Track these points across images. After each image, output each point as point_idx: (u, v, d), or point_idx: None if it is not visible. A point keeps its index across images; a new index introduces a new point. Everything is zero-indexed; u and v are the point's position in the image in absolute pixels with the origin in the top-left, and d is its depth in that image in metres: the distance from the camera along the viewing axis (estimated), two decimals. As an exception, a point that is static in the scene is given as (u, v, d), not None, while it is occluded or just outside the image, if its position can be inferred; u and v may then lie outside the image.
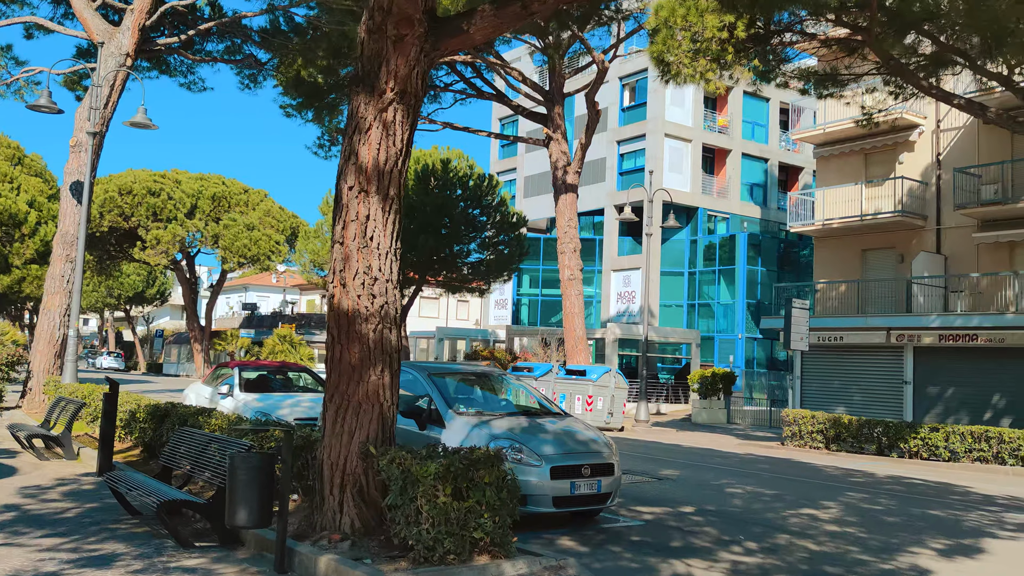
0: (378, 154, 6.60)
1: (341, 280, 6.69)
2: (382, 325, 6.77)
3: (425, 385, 9.08)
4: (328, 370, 6.91)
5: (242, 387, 13.31)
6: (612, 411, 23.71)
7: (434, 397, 8.86)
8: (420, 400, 9.08)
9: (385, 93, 6.54)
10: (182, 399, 14.90)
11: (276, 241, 49.38)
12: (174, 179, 48.50)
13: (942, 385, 25.49)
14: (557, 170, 27.28)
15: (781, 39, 19.49)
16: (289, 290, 75.60)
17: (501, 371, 10.71)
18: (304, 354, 48.04)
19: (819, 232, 30.08)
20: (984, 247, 26.08)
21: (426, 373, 9.30)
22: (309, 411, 12.36)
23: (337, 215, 6.75)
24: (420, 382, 9.18)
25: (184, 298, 53.44)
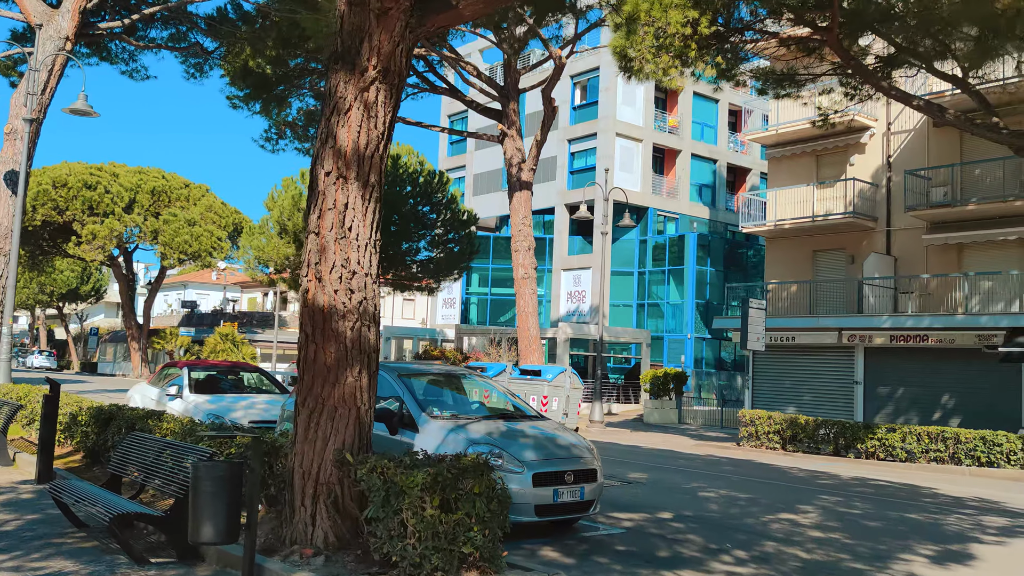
0: (358, 137, 6.10)
1: (316, 273, 6.18)
2: (360, 322, 6.27)
3: (395, 386, 8.57)
4: (300, 371, 6.38)
5: (192, 388, 12.62)
6: (567, 412, 23.35)
7: (406, 399, 8.36)
8: (388, 402, 8.57)
9: (367, 71, 6.04)
10: (125, 400, 14.15)
11: (218, 237, 48.16)
12: (111, 172, 46.97)
13: (892, 385, 25.68)
14: (512, 167, 26.87)
15: (741, 37, 19.34)
16: (230, 288, 73.99)
17: (470, 372, 10.25)
18: (247, 353, 46.91)
19: (770, 233, 30.15)
20: (933, 249, 26.34)
21: (396, 374, 8.79)
22: (264, 413, 11.75)
23: (312, 203, 6.22)
24: (389, 383, 8.67)
25: (121, 295, 51.84)
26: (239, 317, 57.13)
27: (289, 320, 57.33)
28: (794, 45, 19.37)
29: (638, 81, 18.78)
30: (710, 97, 44.89)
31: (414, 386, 8.72)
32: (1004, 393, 23.21)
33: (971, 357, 23.74)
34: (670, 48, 18.20)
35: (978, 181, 25.72)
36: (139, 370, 51.50)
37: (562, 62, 24.91)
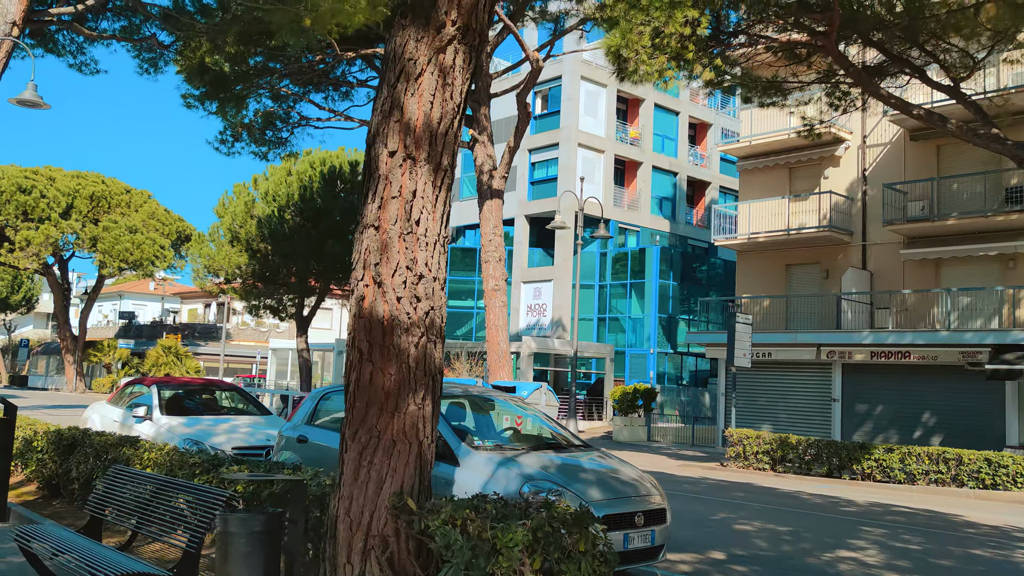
0: (430, 109, 4.96)
1: (376, 277, 5.00)
2: (426, 337, 5.11)
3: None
4: (350, 397, 5.18)
5: (163, 409, 11.21)
6: (544, 430, 22.29)
7: (440, 427, 7.18)
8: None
9: (444, 27, 4.90)
10: (82, 422, 12.66)
11: (161, 245, 46.14)
12: (48, 176, 44.66)
13: (871, 403, 25.14)
14: (483, 174, 25.76)
15: (737, 41, 18.58)
16: (168, 299, 71.40)
17: (499, 393, 9.09)
18: (191, 367, 44.91)
19: (743, 246, 29.54)
20: (910, 264, 25.95)
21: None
22: (249, 438, 10.43)
23: (370, 190, 5.05)
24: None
25: (55, 305, 49.33)
26: (181, 329, 54.88)
27: (233, 332, 55.26)
28: (792, 50, 18.69)
29: (632, 83, 17.83)
30: (671, 109, 44.43)
31: (448, 412, 7.55)
32: (987, 411, 22.80)
33: (953, 374, 23.30)
34: (666, 49, 17.37)
35: (956, 195, 25.40)
36: (73, 384, 49.02)
37: (539, 65, 23.93)
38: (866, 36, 18.50)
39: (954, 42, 18.49)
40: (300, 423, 8.58)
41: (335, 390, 8.60)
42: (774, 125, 28.93)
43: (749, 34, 18.73)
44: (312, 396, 8.69)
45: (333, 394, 8.62)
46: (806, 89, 22.07)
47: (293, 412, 8.86)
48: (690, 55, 17.31)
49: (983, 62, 19.12)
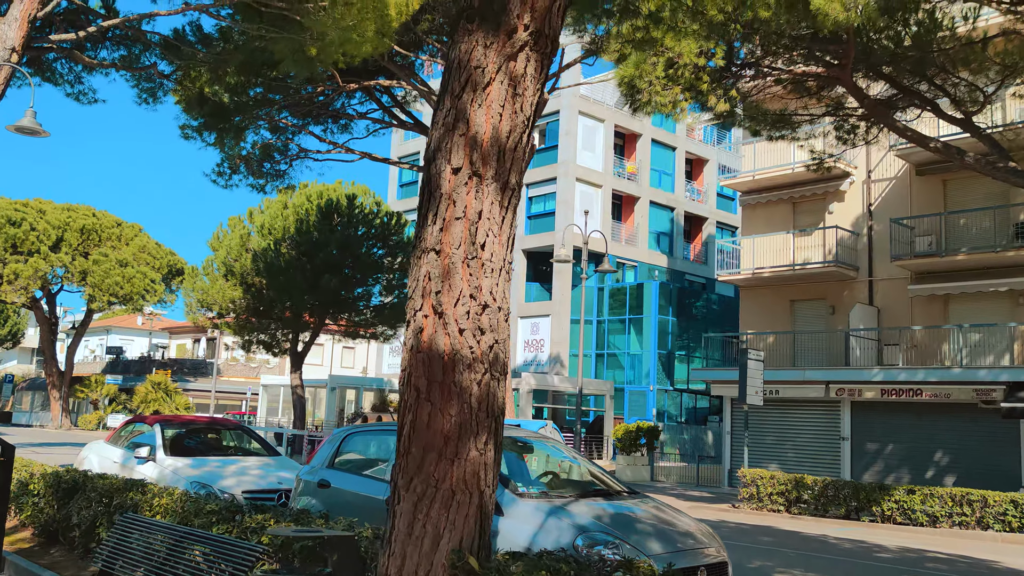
0: (499, 122, 4.49)
1: (436, 306, 4.49)
2: (490, 374, 4.60)
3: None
4: (404, 441, 4.64)
5: (167, 449, 10.59)
6: (550, 470, 21.66)
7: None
8: None
9: (516, 32, 4.45)
10: (78, 463, 12.01)
11: (151, 279, 45.42)
12: (38, 208, 44.01)
13: (881, 441, 24.64)
14: (485, 208, 25.33)
15: (749, 72, 18.30)
16: (156, 334, 70.45)
17: (527, 432, 8.53)
18: (180, 403, 44.05)
19: (746, 281, 29.15)
20: (919, 300, 25.57)
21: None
22: (260, 481, 9.82)
23: (430, 211, 4.55)
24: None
25: (42, 340, 48.43)
26: (169, 365, 54.00)
27: (223, 368, 54.40)
28: (804, 82, 18.41)
29: (645, 114, 17.51)
30: (668, 144, 44.31)
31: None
32: (1002, 450, 22.33)
33: (966, 412, 22.85)
34: (679, 80, 17.08)
35: (964, 231, 25.12)
36: (59, 420, 48.01)
37: (545, 97, 23.58)
38: (877, 69, 18.25)
39: (963, 76, 18.28)
40: (321, 466, 8.00)
41: (359, 431, 8.05)
42: (777, 160, 28.69)
43: (761, 66, 18.45)
44: (334, 437, 8.12)
45: (356, 435, 8.06)
46: (816, 122, 21.83)
47: (312, 454, 8.28)
48: (704, 86, 17.04)
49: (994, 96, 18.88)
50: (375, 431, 8.16)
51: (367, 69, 26.07)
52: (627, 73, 16.91)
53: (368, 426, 8.28)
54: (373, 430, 8.17)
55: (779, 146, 28.79)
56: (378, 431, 8.10)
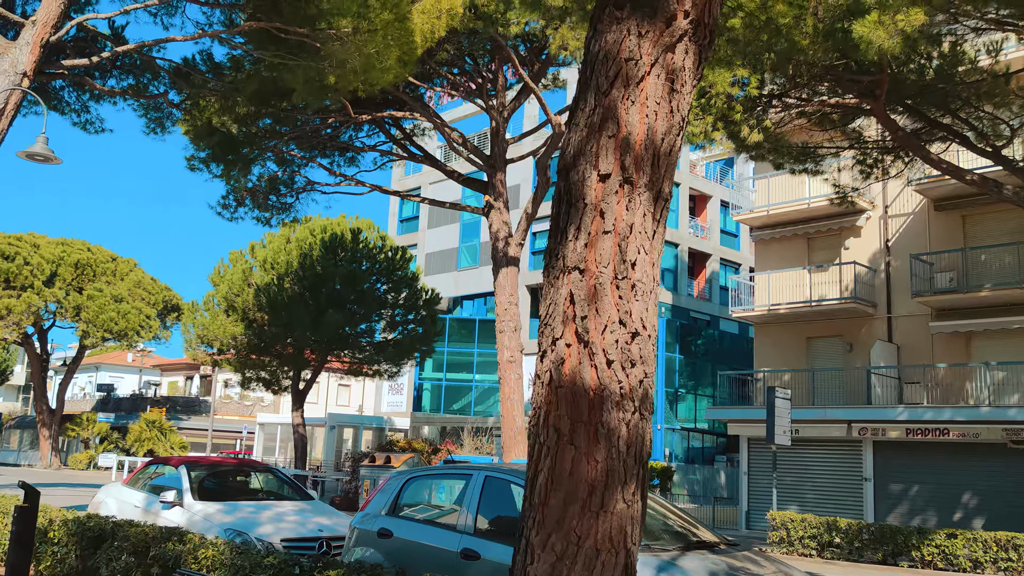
0: (655, 121, 3.90)
1: (581, 334, 3.86)
2: (639, 414, 3.96)
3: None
4: (540, 491, 3.99)
5: (195, 493, 9.85)
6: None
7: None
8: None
9: (675, 20, 3.88)
10: (94, 507, 11.24)
11: (146, 315, 44.57)
12: (32, 243, 43.22)
13: (905, 483, 23.99)
14: (498, 242, 24.81)
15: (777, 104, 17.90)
16: (147, 371, 69.31)
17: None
18: (175, 442, 43.05)
19: (761, 318, 28.61)
20: (940, 337, 25.08)
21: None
22: (299, 528, 9.09)
23: (572, 224, 3.94)
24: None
25: (33, 377, 47.41)
26: (162, 402, 52.93)
27: (216, 406, 53.36)
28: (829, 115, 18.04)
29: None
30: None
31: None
32: (1033, 492, 21.73)
33: (995, 452, 22.28)
34: (711, 109, 16.68)
35: (985, 267, 24.71)
36: (48, 460, 46.83)
37: (561, 129, 23.18)
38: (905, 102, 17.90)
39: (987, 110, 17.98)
40: (379, 513, 7.30)
41: (421, 475, 7.38)
42: (791, 195, 28.32)
43: (790, 97, 18.06)
44: (394, 482, 7.43)
45: (419, 480, 7.39)
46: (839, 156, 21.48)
47: (368, 502, 7.58)
48: (737, 116, 16.64)
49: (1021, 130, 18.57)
50: (440, 475, 7.48)
51: (376, 101, 25.66)
52: (658, 102, 16.49)
53: (430, 470, 7.61)
54: (438, 474, 7.50)
55: (793, 181, 28.46)
56: (444, 475, 7.42)
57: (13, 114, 16.21)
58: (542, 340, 4.03)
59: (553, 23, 22.22)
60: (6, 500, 9.61)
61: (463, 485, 6.79)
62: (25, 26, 16.59)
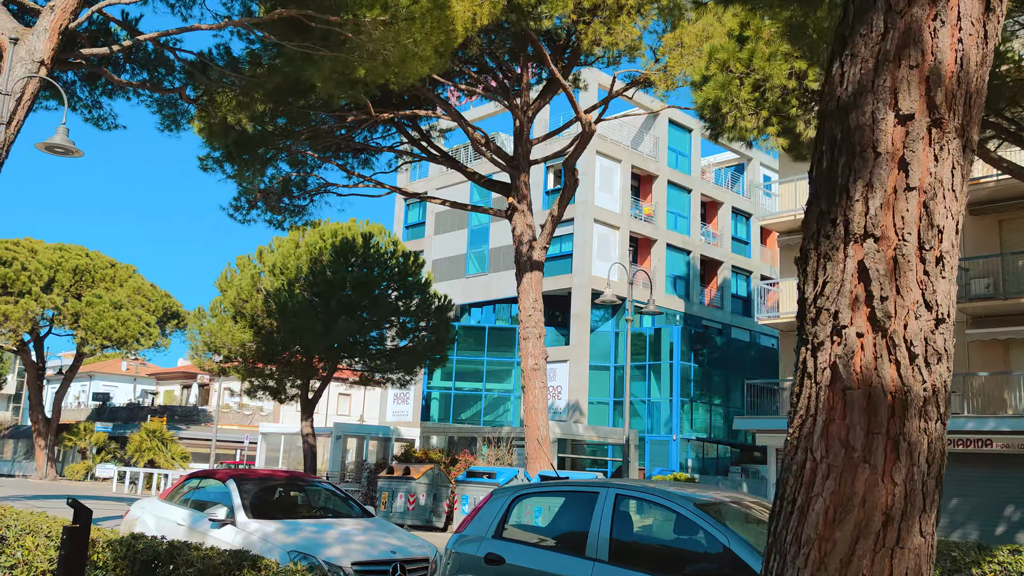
0: (969, 48, 3.07)
1: (878, 318, 3.01)
2: (942, 422, 3.12)
3: (711, 530, 5.29)
4: (817, 520, 3.13)
5: (249, 510, 8.92)
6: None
7: (740, 553, 5.09)
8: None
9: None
10: (127, 526, 10.31)
11: (146, 322, 43.49)
12: (29, 248, 42.13)
13: (946, 495, 23.14)
14: (522, 245, 23.99)
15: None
16: (141, 379, 68.07)
17: (746, 496, 6.99)
18: (176, 452, 41.98)
19: (789, 326, 27.82)
20: (976, 344, 24.35)
21: (691, 504, 5.53)
22: (370, 550, 8.18)
23: (857, 179, 3.09)
24: (687, 524, 5.41)
25: (28, 386, 46.24)
26: (159, 411, 51.80)
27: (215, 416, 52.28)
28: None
29: (728, 140, 16.26)
30: (684, 186, 43.31)
31: (735, 529, 5.41)
32: (1082, 505, 20.97)
33: (1040, 464, 21.54)
34: (764, 104, 15.90)
35: (1023, 273, 24.01)
36: (44, 470, 45.62)
37: (592, 128, 22.42)
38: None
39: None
40: (483, 535, 6.40)
41: (532, 493, 6.50)
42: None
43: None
44: (497, 500, 6.54)
45: (530, 498, 6.51)
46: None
47: (467, 522, 6.69)
48: (793, 110, 15.86)
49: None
50: (555, 493, 6.59)
51: (394, 100, 24.88)
52: (711, 95, 15.69)
53: (542, 487, 6.72)
54: (552, 492, 6.60)
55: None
56: (559, 493, 6.53)
57: (30, 104, 15.34)
58: (814, 329, 3.17)
59: (584, 17, 21.54)
60: (45, 520, 8.69)
61: (587, 504, 5.92)
62: (43, 12, 15.70)
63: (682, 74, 20.57)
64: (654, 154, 41.99)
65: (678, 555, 5.70)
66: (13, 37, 14.61)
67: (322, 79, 17.36)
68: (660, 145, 42.17)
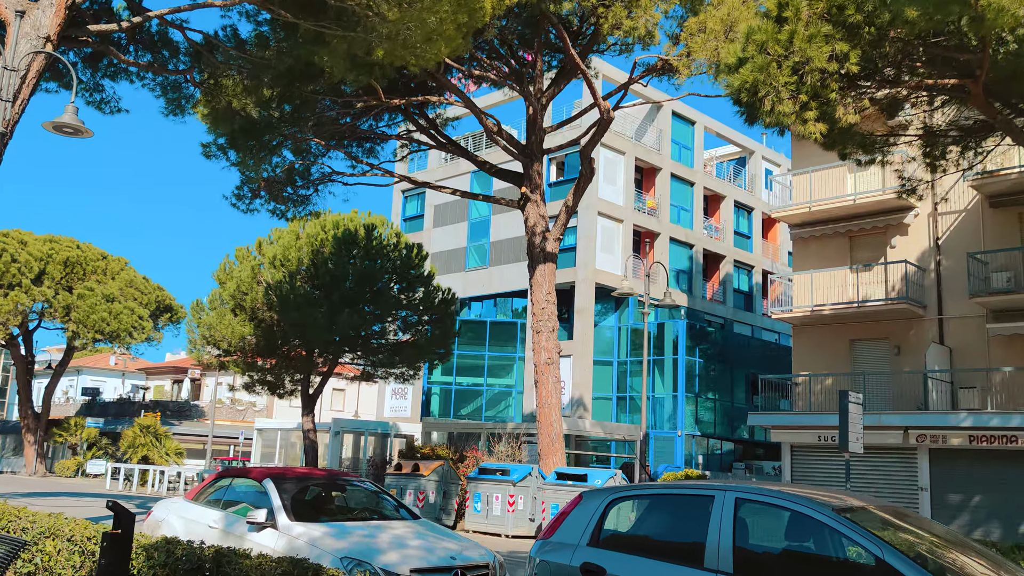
0: None
1: None
2: None
3: (861, 539, 4.66)
4: None
5: (291, 512, 8.25)
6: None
7: (900, 567, 4.47)
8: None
9: None
10: (148, 528, 9.62)
11: (139, 316, 42.59)
12: (18, 239, 41.14)
13: (965, 492, 22.76)
14: (535, 236, 23.36)
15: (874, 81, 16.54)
16: (131, 374, 67.04)
17: (863, 500, 6.36)
18: (170, 448, 41.16)
19: (802, 320, 27.31)
20: (997, 340, 23.89)
21: (830, 509, 4.90)
22: (428, 557, 7.52)
23: None
24: (826, 531, 4.79)
25: (17, 380, 45.29)
26: (151, 407, 50.90)
27: (207, 411, 51.45)
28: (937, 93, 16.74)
29: (763, 125, 15.63)
30: (686, 179, 42.77)
31: (897, 544, 4.77)
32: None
33: (1067, 461, 21.10)
34: (803, 87, 15.31)
35: (1044, 266, 23.57)
36: (33, 467, 44.69)
37: (610, 116, 21.78)
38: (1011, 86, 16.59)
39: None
40: (576, 543, 5.76)
41: (633, 495, 5.86)
42: (831, 191, 27.07)
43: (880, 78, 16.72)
44: (590, 503, 5.89)
45: (627, 501, 5.86)
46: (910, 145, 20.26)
47: (553, 527, 6.04)
48: (832, 95, 15.29)
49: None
50: (658, 495, 5.92)
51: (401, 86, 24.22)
52: (748, 78, 15.07)
53: (641, 489, 6.07)
54: (654, 494, 5.94)
55: (834, 177, 27.24)
56: (665, 496, 5.86)
57: (35, 82, 14.58)
58: None
59: (605, 0, 20.88)
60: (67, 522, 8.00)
61: (700, 509, 5.30)
62: (48, -14, 14.92)
63: (704, 60, 19.99)
64: (657, 146, 41.44)
65: (820, 567, 5.09)
66: (19, 10, 13.85)
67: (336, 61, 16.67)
68: (663, 137, 41.62)
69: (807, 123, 15.33)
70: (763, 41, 14.97)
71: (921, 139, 19.45)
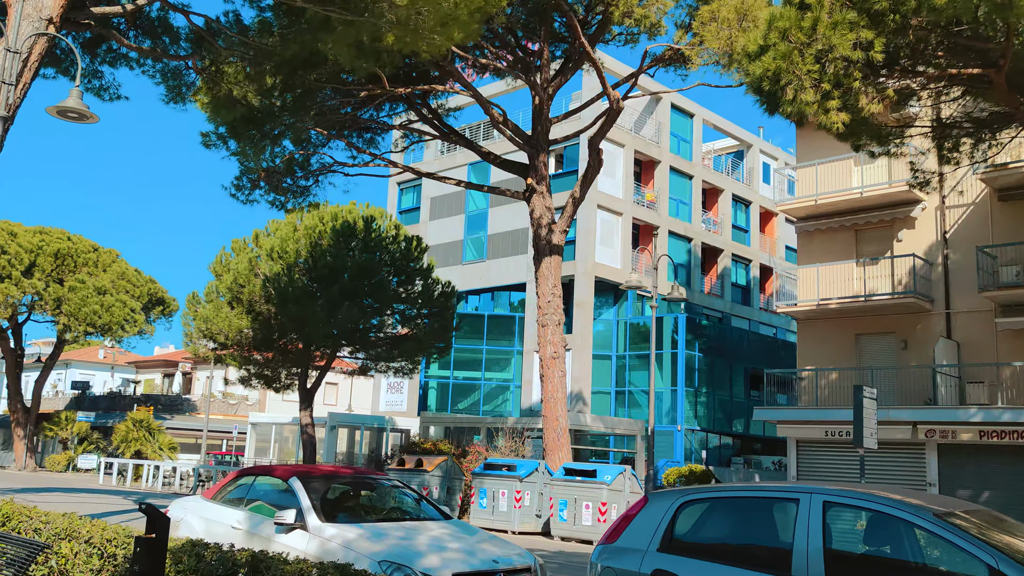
0: None
1: None
2: None
3: (970, 547, 4.34)
4: None
5: (320, 513, 7.86)
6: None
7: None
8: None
9: None
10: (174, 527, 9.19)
11: (131, 308, 42.03)
12: (8, 231, 40.50)
13: (975, 488, 22.55)
14: (541, 228, 23.01)
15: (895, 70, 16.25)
16: (120, 368, 66.31)
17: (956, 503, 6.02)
18: (164, 442, 40.64)
19: (807, 314, 27.04)
20: (1005, 334, 23.70)
21: (930, 514, 4.57)
22: (469, 560, 7.13)
23: None
24: (926, 537, 4.46)
25: (7, 374, 44.63)
26: (142, 400, 50.31)
27: (199, 405, 50.89)
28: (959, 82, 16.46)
29: (786, 114, 15.33)
30: (685, 173, 42.47)
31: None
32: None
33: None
34: (826, 76, 15.00)
35: (1054, 260, 23.37)
36: (23, 461, 44.12)
37: (620, 105, 21.42)
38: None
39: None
40: (644, 548, 5.41)
41: (707, 497, 5.51)
42: (837, 184, 26.80)
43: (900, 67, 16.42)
44: (658, 505, 5.54)
45: (699, 503, 5.51)
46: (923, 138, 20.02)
47: (617, 531, 5.69)
48: (856, 83, 14.96)
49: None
50: (733, 496, 5.55)
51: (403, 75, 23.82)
52: (771, 65, 14.75)
53: (715, 491, 5.71)
54: (729, 496, 5.57)
55: (840, 170, 26.98)
56: (742, 498, 5.49)
57: (37, 66, 14.09)
58: None
59: (616, -12, 20.52)
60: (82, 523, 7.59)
61: (783, 513, 4.97)
62: (50, -33, 14.42)
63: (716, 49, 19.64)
64: (656, 139, 41.12)
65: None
66: (21, -9, 13.35)
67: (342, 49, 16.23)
68: (662, 130, 41.31)
69: (829, 112, 15.03)
70: (786, 28, 14.65)
71: (933, 131, 19.22)
